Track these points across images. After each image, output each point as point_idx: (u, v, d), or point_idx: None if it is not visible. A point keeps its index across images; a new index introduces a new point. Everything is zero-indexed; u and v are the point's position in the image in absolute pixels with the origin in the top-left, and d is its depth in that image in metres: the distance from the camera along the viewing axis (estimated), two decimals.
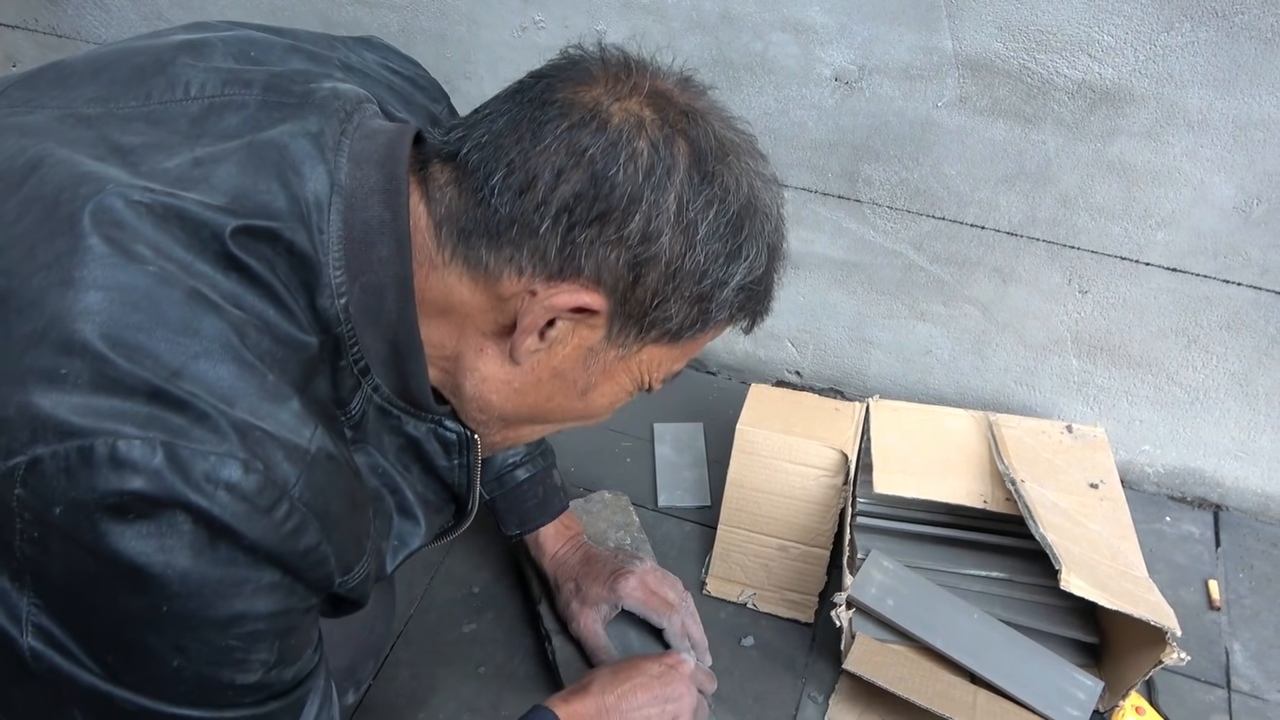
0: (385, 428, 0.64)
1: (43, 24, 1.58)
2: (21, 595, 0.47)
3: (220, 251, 0.52)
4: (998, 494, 1.08)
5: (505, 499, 1.08)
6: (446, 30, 1.30)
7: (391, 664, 1.11)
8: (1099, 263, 1.17)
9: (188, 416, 0.47)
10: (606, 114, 0.56)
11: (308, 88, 0.60)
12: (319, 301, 0.55)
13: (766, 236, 0.61)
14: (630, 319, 0.59)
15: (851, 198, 1.24)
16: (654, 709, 0.90)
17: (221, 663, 0.51)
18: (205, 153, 0.56)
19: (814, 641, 1.15)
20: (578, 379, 0.63)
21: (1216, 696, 1.11)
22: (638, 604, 1.04)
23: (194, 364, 0.48)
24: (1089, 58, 1.02)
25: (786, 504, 1.14)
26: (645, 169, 0.55)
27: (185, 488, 0.46)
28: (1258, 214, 1.06)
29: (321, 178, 0.55)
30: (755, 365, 1.49)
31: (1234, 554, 1.27)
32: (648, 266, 0.57)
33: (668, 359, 0.64)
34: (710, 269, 0.58)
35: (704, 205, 0.57)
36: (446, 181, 0.58)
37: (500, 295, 0.58)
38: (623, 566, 1.06)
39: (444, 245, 0.58)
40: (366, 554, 0.58)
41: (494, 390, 0.63)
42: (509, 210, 0.56)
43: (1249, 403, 1.22)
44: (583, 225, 0.55)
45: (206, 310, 0.50)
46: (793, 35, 1.13)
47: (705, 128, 0.58)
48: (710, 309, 0.61)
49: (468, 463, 0.69)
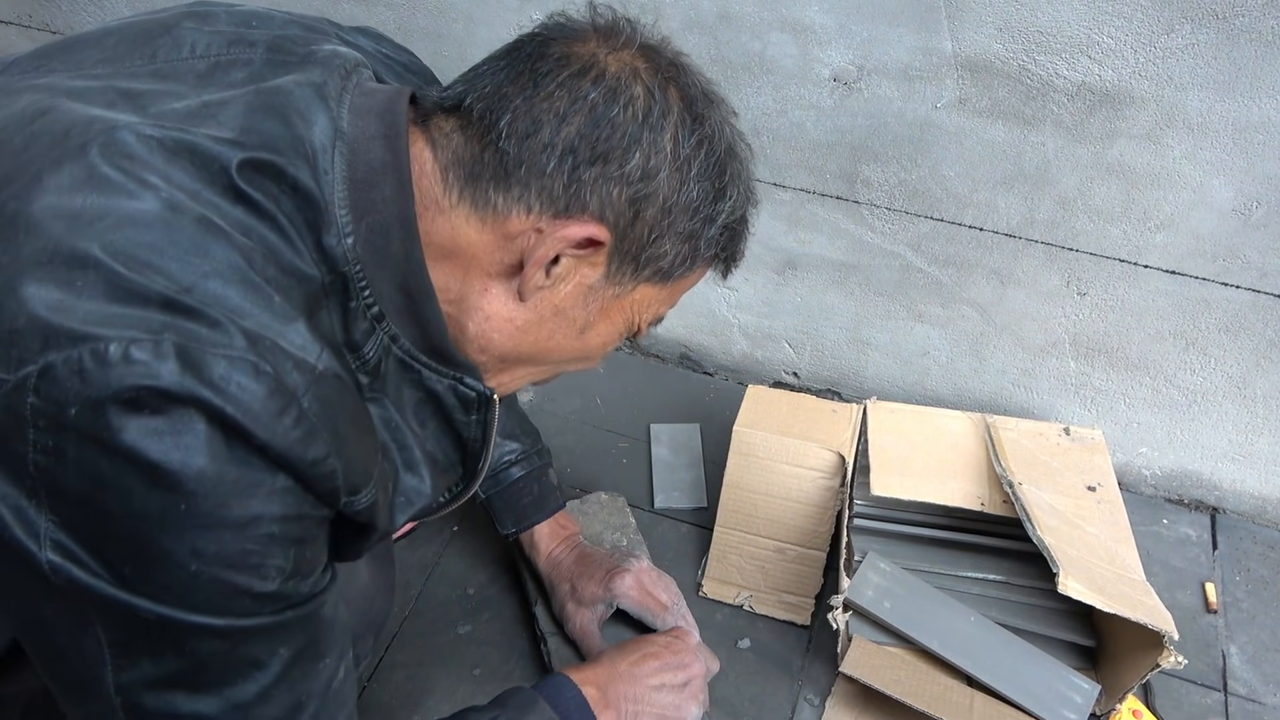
0: (405, 381, 0.65)
1: (37, 20, 1.57)
2: (39, 512, 0.48)
3: (228, 184, 0.54)
4: (995, 496, 1.08)
5: (500, 496, 1.08)
6: (443, 29, 1.30)
7: (387, 665, 1.11)
8: (1097, 265, 1.17)
9: (200, 323, 0.48)
10: (603, 64, 0.60)
11: (309, 49, 0.63)
12: (325, 240, 0.57)
13: (743, 180, 0.67)
14: (628, 256, 0.63)
15: (850, 199, 1.24)
16: (666, 675, 0.94)
17: (238, 567, 0.51)
18: (213, 98, 0.58)
19: (810, 644, 1.14)
20: (577, 317, 0.66)
21: (1213, 700, 1.11)
22: (633, 604, 1.04)
23: (204, 282, 0.50)
24: (1089, 59, 1.02)
25: (783, 506, 1.14)
26: (643, 112, 0.60)
27: (199, 385, 0.47)
28: (1257, 217, 1.06)
29: (325, 123, 0.58)
30: (752, 366, 1.49)
31: (1231, 557, 1.27)
32: (646, 203, 0.61)
33: (657, 300, 0.68)
34: (701, 205, 0.63)
35: (695, 145, 0.62)
36: (451, 129, 0.61)
37: (507, 234, 0.61)
38: (618, 565, 1.06)
39: (450, 188, 0.61)
40: (374, 481, 0.59)
41: (497, 329, 0.65)
42: (517, 152, 0.59)
43: (1247, 405, 1.22)
44: (586, 164, 0.59)
45: (216, 235, 0.51)
46: (791, 35, 1.13)
47: (691, 78, 0.64)
48: (699, 246, 0.66)
49: (484, 419, 0.70)
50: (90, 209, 0.50)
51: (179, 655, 0.52)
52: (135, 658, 0.52)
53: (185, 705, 0.54)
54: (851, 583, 1.06)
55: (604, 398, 1.45)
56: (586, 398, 1.45)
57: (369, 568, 0.93)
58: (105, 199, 0.50)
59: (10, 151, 0.53)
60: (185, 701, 0.54)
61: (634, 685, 0.91)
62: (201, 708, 0.54)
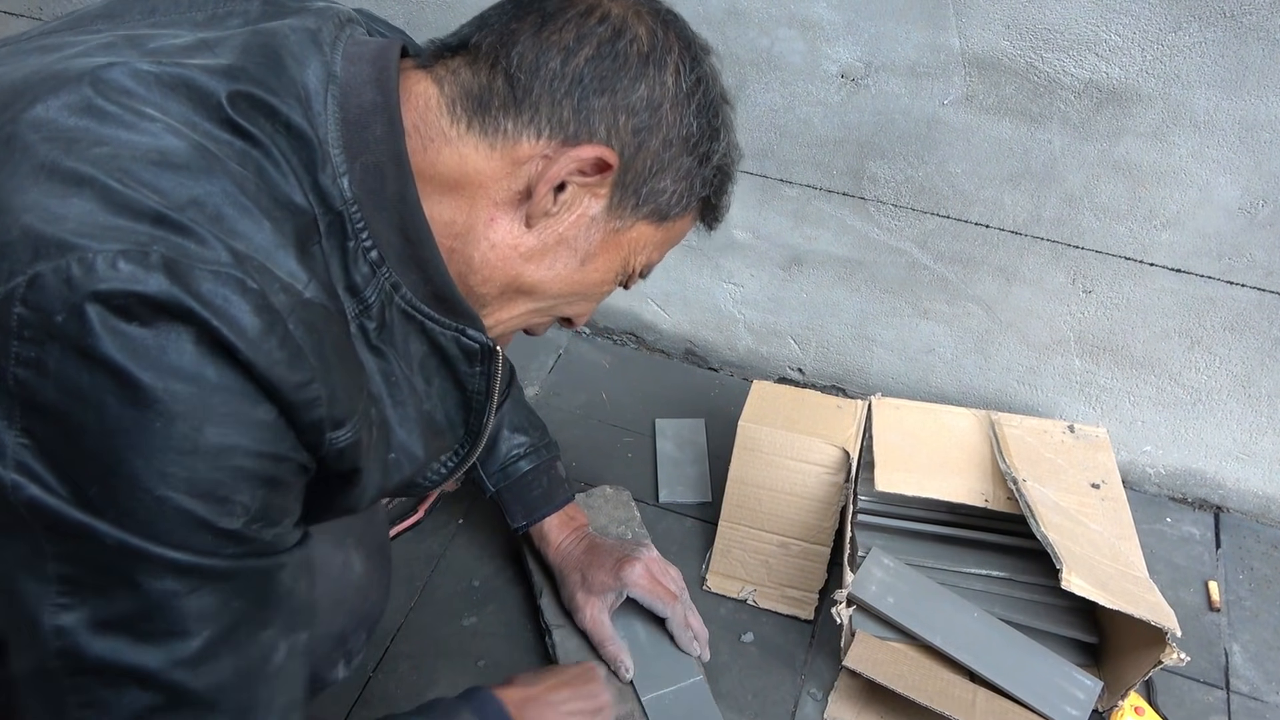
0: (411, 332, 0.66)
1: (47, 13, 1.57)
2: (8, 429, 0.47)
3: (223, 116, 0.54)
4: (999, 493, 1.08)
5: (510, 490, 1.09)
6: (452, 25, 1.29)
7: (391, 656, 1.11)
8: (1103, 263, 1.17)
9: (189, 239, 0.48)
10: (607, 7, 0.63)
11: (303, 3, 0.64)
12: (320, 179, 0.57)
13: (732, 125, 0.70)
14: (629, 189, 0.65)
15: (856, 195, 1.24)
16: (579, 703, 0.94)
17: (206, 496, 0.50)
18: (212, 36, 0.59)
19: (814, 638, 1.15)
20: (579, 246, 0.67)
21: (1215, 697, 1.11)
22: (643, 592, 1.05)
23: (198, 203, 0.50)
24: (1096, 57, 1.02)
25: (788, 501, 1.14)
26: (647, 48, 0.63)
27: (186, 296, 0.47)
28: (1263, 216, 1.06)
29: (318, 67, 0.59)
30: (757, 362, 1.49)
31: (1234, 556, 1.27)
32: (650, 133, 0.64)
33: (652, 241, 0.70)
34: (700, 141, 0.66)
35: (695, 82, 0.65)
36: (459, 65, 0.63)
37: (516, 159, 0.62)
38: (628, 554, 1.07)
39: (458, 119, 0.62)
40: (357, 417, 0.58)
41: (502, 256, 0.65)
42: (527, 79, 0.61)
43: (1251, 404, 1.22)
44: (595, 93, 0.62)
45: (212, 160, 0.52)
46: (799, 32, 1.13)
47: (684, 25, 0.67)
48: (694, 184, 0.68)
49: (488, 371, 0.71)
50: (88, 134, 0.50)
51: (130, 592, 0.50)
52: (84, 594, 0.50)
53: (128, 655, 0.51)
54: (855, 578, 1.07)
55: (610, 393, 1.46)
56: (592, 392, 1.46)
57: (364, 562, 0.93)
58: (103, 127, 0.51)
59: (10, 87, 0.54)
60: (129, 650, 0.51)
61: (549, 710, 0.91)
62: (145, 659, 0.51)
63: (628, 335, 1.56)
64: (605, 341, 1.56)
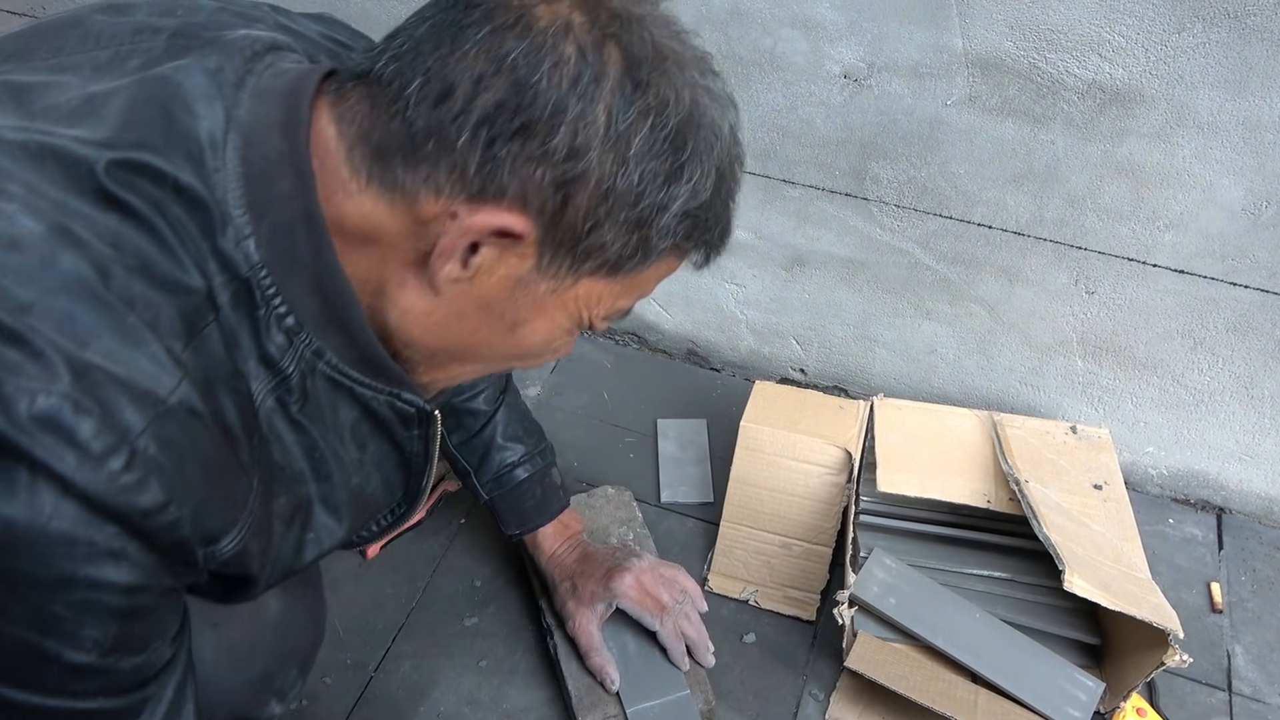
0: (339, 399, 0.60)
1: (50, 10, 1.57)
2: None
3: (97, 188, 0.49)
4: (1001, 494, 1.08)
5: (504, 499, 1.07)
6: None
7: (393, 656, 1.11)
8: (1106, 264, 1.17)
9: (22, 352, 0.44)
10: (532, 17, 0.51)
11: (219, 33, 0.56)
12: (221, 244, 0.51)
13: (715, 157, 0.55)
14: (562, 246, 0.54)
15: (859, 195, 1.24)
16: None
17: (47, 631, 0.46)
18: (99, 89, 0.52)
19: (815, 639, 1.15)
20: (505, 312, 0.58)
21: (1218, 699, 1.11)
22: (632, 604, 1.04)
23: (44, 299, 0.45)
24: (1099, 57, 1.02)
25: (790, 501, 1.14)
26: (571, 76, 0.50)
27: (10, 429, 0.42)
28: (1266, 217, 1.06)
29: (217, 114, 0.52)
30: (759, 362, 1.49)
31: (1237, 557, 1.27)
32: (576, 186, 0.52)
33: (609, 294, 0.59)
34: (647, 189, 0.53)
35: (637, 118, 0.52)
36: (359, 99, 0.53)
37: (420, 219, 0.53)
38: (619, 564, 1.06)
39: (359, 169, 0.53)
40: (241, 525, 0.53)
41: (415, 323, 0.58)
42: (425, 122, 0.51)
43: (1254, 406, 1.22)
44: (504, 139, 0.51)
45: (67, 246, 0.46)
46: (802, 32, 1.13)
47: (641, 33, 0.53)
48: (650, 237, 0.55)
49: (426, 434, 0.66)
50: None
51: None
52: None
53: None
54: (857, 578, 1.07)
55: (611, 393, 1.46)
56: (594, 393, 1.46)
57: (281, 599, 0.85)
58: None
59: None
60: None
61: None
62: None
63: (630, 335, 1.56)
64: (607, 341, 1.56)
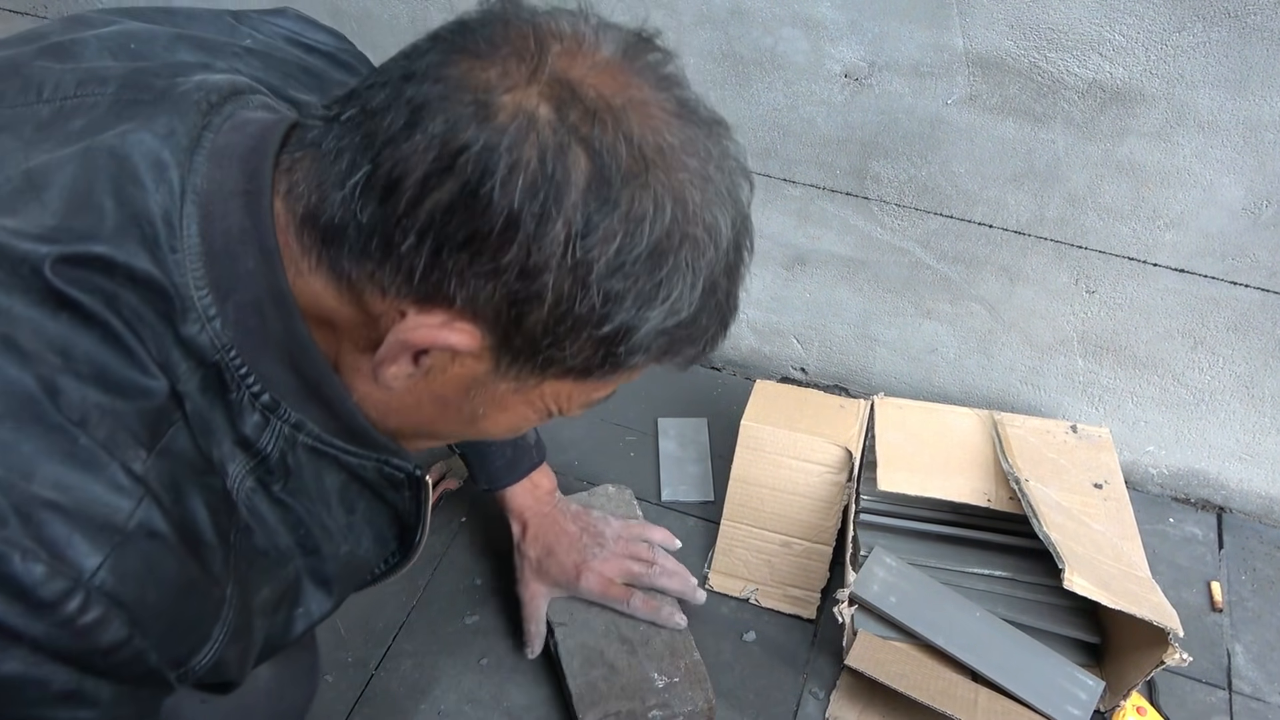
0: (324, 468, 0.58)
1: (52, 10, 1.58)
2: None
3: (45, 289, 0.45)
4: (1001, 493, 1.08)
5: (473, 453, 1.06)
6: None
7: (394, 654, 1.11)
8: (1106, 263, 1.17)
9: None
10: (495, 106, 0.45)
11: (172, 81, 0.52)
12: (184, 331, 0.48)
13: (705, 265, 0.49)
14: (520, 354, 0.50)
15: (859, 195, 1.24)
16: None
17: None
18: (40, 162, 0.48)
19: (816, 638, 1.15)
20: (463, 407, 0.54)
21: (1218, 698, 1.11)
22: (597, 598, 1.07)
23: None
24: (1100, 57, 1.02)
25: (790, 500, 1.14)
26: (527, 187, 0.44)
27: None
28: (1267, 216, 1.06)
29: (170, 186, 0.48)
30: (760, 361, 1.49)
31: (1237, 556, 1.27)
32: (530, 306, 0.47)
33: (579, 391, 0.55)
34: (613, 312, 0.48)
35: (602, 240, 0.46)
36: (306, 174, 0.49)
37: (369, 312, 0.50)
38: (585, 560, 1.07)
39: (309, 249, 0.49)
40: (215, 639, 0.51)
41: (373, 408, 0.56)
42: (369, 219, 0.46)
43: (1254, 405, 1.22)
44: (451, 249, 0.45)
45: (11, 361, 0.43)
46: (803, 31, 1.13)
47: (618, 134, 0.46)
48: (619, 353, 0.50)
49: (418, 497, 0.65)
50: None
51: None
52: None
53: None
54: (857, 577, 1.07)
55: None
56: None
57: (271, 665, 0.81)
58: None
59: None
60: None
61: None
62: None
63: None
64: None
